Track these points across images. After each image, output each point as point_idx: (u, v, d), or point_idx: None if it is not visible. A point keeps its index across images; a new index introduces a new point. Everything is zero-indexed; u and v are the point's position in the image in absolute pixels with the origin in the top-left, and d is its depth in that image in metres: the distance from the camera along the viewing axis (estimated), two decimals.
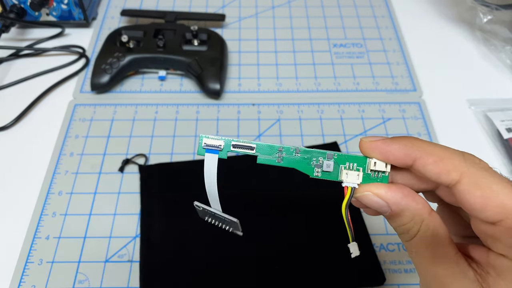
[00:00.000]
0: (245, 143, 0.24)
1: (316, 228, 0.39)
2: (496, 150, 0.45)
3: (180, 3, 0.61)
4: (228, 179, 0.42)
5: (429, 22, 0.59)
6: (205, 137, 0.24)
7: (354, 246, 0.24)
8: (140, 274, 0.36)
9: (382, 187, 0.22)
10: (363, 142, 0.24)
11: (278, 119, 0.48)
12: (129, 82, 0.51)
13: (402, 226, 0.22)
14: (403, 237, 0.23)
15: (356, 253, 0.24)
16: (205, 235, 0.38)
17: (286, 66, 0.53)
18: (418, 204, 0.22)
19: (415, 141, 0.22)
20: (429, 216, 0.22)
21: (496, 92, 0.50)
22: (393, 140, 0.23)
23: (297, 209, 0.40)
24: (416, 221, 0.22)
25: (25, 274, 0.37)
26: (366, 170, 0.24)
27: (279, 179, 0.42)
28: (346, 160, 0.24)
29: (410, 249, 0.23)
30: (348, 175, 0.23)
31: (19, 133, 0.47)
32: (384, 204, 0.22)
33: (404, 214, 0.22)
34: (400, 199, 0.22)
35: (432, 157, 0.21)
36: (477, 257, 0.22)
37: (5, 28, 0.52)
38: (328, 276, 0.36)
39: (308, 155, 0.24)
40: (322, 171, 0.24)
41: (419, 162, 0.22)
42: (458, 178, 0.21)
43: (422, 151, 0.22)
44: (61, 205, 0.41)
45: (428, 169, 0.21)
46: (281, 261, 0.37)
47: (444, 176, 0.21)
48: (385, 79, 0.52)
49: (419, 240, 0.22)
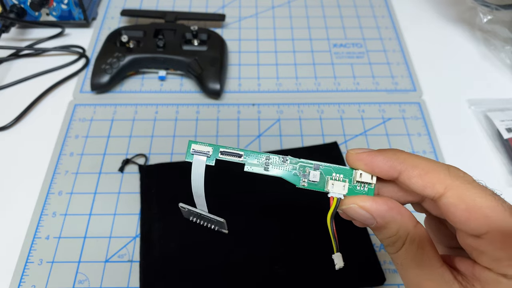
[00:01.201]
0: (233, 149, 0.24)
1: (316, 228, 0.39)
2: (496, 150, 0.45)
3: (180, 3, 0.61)
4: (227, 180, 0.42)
5: (429, 22, 0.59)
6: (194, 143, 0.24)
7: (339, 257, 0.24)
8: (140, 274, 0.36)
9: (368, 200, 0.22)
10: (349, 154, 0.24)
11: (278, 119, 0.48)
12: (129, 82, 0.51)
13: (388, 238, 0.23)
14: (389, 249, 0.23)
15: (340, 264, 0.24)
16: (205, 235, 0.38)
17: (286, 66, 0.53)
18: (403, 217, 0.22)
19: (400, 154, 0.22)
20: (414, 229, 0.22)
21: (496, 92, 0.50)
22: (379, 152, 0.23)
23: (296, 208, 0.40)
24: (402, 234, 0.22)
25: (25, 274, 0.37)
26: (352, 182, 0.24)
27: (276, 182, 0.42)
28: (333, 171, 0.24)
29: (396, 261, 0.23)
30: (334, 186, 0.24)
31: (19, 133, 0.47)
32: (369, 216, 0.22)
33: (389, 226, 0.22)
34: (385, 212, 0.22)
35: (417, 170, 0.22)
36: (462, 269, 0.22)
37: (5, 28, 0.52)
38: (328, 276, 0.36)
39: (295, 165, 0.24)
40: (308, 181, 0.24)
41: (404, 175, 0.22)
42: (442, 191, 0.21)
43: (407, 163, 0.22)
44: (61, 205, 0.41)
45: (413, 181, 0.22)
46: (281, 261, 0.37)
47: (429, 189, 0.21)
48: (385, 79, 0.52)
49: (405, 253, 0.22)
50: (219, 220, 0.28)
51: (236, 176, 0.42)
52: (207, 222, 0.29)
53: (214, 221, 0.28)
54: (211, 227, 0.29)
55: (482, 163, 0.45)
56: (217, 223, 0.28)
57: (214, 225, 0.29)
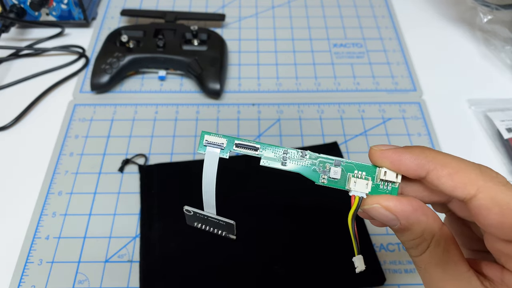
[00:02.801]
0: (249, 142, 0.23)
1: (316, 228, 0.39)
2: (496, 150, 0.45)
3: (180, 3, 0.61)
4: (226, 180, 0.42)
5: (429, 22, 0.59)
6: (207, 134, 0.23)
7: (360, 260, 0.23)
8: (140, 274, 0.36)
9: (391, 200, 0.21)
10: (373, 150, 0.22)
11: (278, 119, 0.48)
12: (129, 82, 0.51)
13: (411, 241, 0.21)
14: (411, 252, 0.22)
15: (361, 267, 0.23)
16: (205, 235, 0.38)
17: (286, 66, 0.53)
18: (429, 218, 0.21)
19: (429, 152, 0.21)
20: (440, 231, 0.21)
21: (496, 92, 0.50)
22: (406, 150, 0.22)
23: (296, 209, 0.40)
24: (426, 237, 0.21)
25: (25, 274, 0.37)
26: (375, 180, 0.23)
27: (277, 179, 0.42)
28: (355, 168, 0.23)
29: (419, 265, 0.22)
30: (356, 184, 0.22)
31: (19, 133, 0.47)
32: (393, 217, 0.21)
33: (413, 228, 0.21)
34: (409, 213, 0.21)
35: (447, 169, 0.20)
36: (490, 274, 0.21)
37: (5, 28, 0.52)
38: (328, 276, 0.36)
39: (314, 160, 0.23)
40: (328, 178, 0.23)
41: (433, 174, 0.21)
42: (474, 192, 0.19)
43: (436, 162, 0.21)
44: (61, 205, 0.41)
45: (442, 181, 0.20)
46: (281, 261, 0.37)
47: (459, 190, 0.20)
48: (385, 79, 0.52)
49: (429, 257, 0.21)
50: (228, 223, 0.25)
51: (235, 176, 0.42)
52: (213, 227, 0.27)
53: (222, 224, 0.26)
54: (218, 233, 0.27)
55: (482, 163, 0.44)
56: (225, 226, 0.26)
57: (221, 230, 0.27)
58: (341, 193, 0.23)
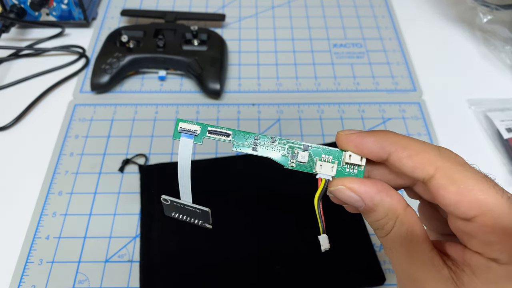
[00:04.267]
0: (221, 129, 0.23)
1: (316, 228, 0.39)
2: (496, 150, 0.45)
3: (180, 3, 0.61)
4: (225, 179, 0.42)
5: (429, 22, 0.59)
6: (182, 121, 0.24)
7: (324, 239, 0.24)
8: (140, 274, 0.36)
9: (356, 181, 0.22)
10: (339, 135, 0.24)
11: (278, 119, 0.48)
12: (129, 82, 0.51)
13: (377, 221, 0.22)
14: (378, 233, 0.23)
15: (325, 246, 0.24)
16: (205, 235, 0.38)
17: (286, 66, 0.53)
18: (393, 200, 0.22)
19: (390, 135, 0.22)
20: (404, 212, 0.22)
21: (496, 92, 0.50)
22: (368, 134, 0.23)
23: (296, 208, 0.40)
24: (391, 217, 0.21)
25: (25, 274, 0.37)
26: (341, 163, 0.24)
27: (276, 180, 0.42)
28: (322, 153, 0.24)
29: (385, 245, 0.22)
30: (322, 167, 0.23)
31: (19, 133, 0.47)
32: (358, 198, 0.22)
33: (378, 209, 0.22)
34: (374, 194, 0.22)
35: (407, 151, 0.21)
36: (453, 254, 0.22)
37: (5, 28, 0.52)
38: (328, 276, 0.36)
39: (283, 145, 0.24)
40: (296, 162, 0.24)
41: (394, 156, 0.21)
42: (432, 172, 0.20)
43: (397, 145, 0.21)
44: (61, 205, 0.41)
45: (403, 163, 0.21)
46: (281, 261, 0.37)
47: (419, 171, 0.20)
48: (385, 79, 0.52)
49: (394, 237, 0.22)
50: (203, 210, 0.26)
51: (235, 175, 0.42)
52: (189, 216, 0.28)
53: (198, 212, 0.27)
54: (194, 222, 0.28)
55: (482, 163, 0.44)
56: (200, 215, 0.27)
57: (197, 219, 0.28)
58: None
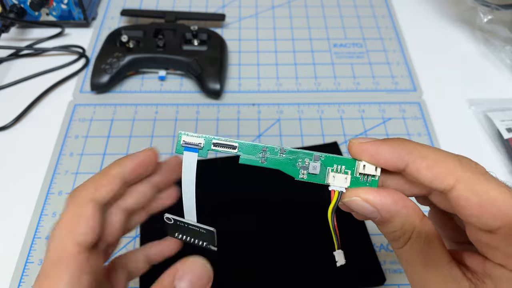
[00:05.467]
0: (227, 141, 0.22)
1: (316, 228, 0.39)
2: (496, 150, 0.45)
3: (180, 3, 0.61)
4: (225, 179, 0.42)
5: (429, 22, 0.59)
6: (184, 135, 0.23)
7: (340, 254, 0.23)
8: (140, 275, 0.36)
9: (371, 192, 0.21)
10: (352, 144, 0.22)
11: (278, 119, 0.48)
12: (129, 82, 0.51)
13: (392, 233, 0.21)
14: (394, 245, 0.22)
15: (341, 262, 0.23)
16: None
17: (286, 66, 0.53)
18: (409, 210, 0.21)
19: (407, 143, 0.21)
20: (420, 223, 0.21)
21: (496, 92, 0.50)
22: (384, 142, 0.21)
23: (296, 208, 0.40)
24: (407, 229, 0.21)
25: (25, 274, 0.37)
26: (354, 174, 0.22)
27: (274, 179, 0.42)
28: (334, 162, 0.22)
29: (400, 257, 0.22)
30: (335, 178, 0.22)
31: (19, 133, 0.47)
32: (373, 210, 0.21)
33: (394, 220, 0.21)
34: (390, 205, 0.21)
35: (426, 161, 0.20)
36: (472, 265, 0.21)
37: (5, 28, 0.52)
38: (328, 276, 0.36)
39: (293, 156, 0.22)
40: (308, 173, 0.22)
41: (412, 166, 0.20)
42: (453, 183, 0.19)
43: (415, 154, 0.20)
44: (61, 205, 0.40)
45: (421, 173, 0.20)
46: (281, 262, 0.37)
47: (438, 182, 0.20)
48: (385, 79, 0.52)
49: (410, 248, 0.21)
50: (208, 230, 0.25)
51: (234, 175, 0.42)
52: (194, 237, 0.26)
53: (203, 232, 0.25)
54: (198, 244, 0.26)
55: (482, 163, 0.44)
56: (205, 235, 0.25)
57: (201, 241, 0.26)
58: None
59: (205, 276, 0.22)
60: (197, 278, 0.22)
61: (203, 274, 0.22)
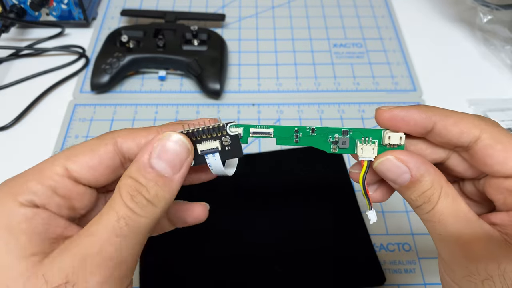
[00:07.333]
0: (263, 128, 0.24)
1: (316, 228, 0.39)
2: None
3: (180, 3, 0.61)
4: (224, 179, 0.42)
5: (429, 22, 0.59)
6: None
7: (372, 213, 0.25)
8: (140, 274, 0.36)
9: (403, 152, 0.22)
10: (381, 111, 0.23)
11: (278, 119, 0.48)
12: (129, 82, 0.51)
13: (423, 193, 0.22)
14: (424, 208, 0.22)
15: (373, 219, 0.24)
16: (206, 235, 0.38)
17: (286, 66, 0.53)
18: (436, 170, 0.22)
19: (432, 107, 0.23)
20: (446, 183, 0.22)
21: (496, 92, 0.50)
22: (412, 107, 0.23)
23: (296, 208, 0.40)
24: (436, 187, 0.22)
25: None
26: (381, 143, 0.24)
27: (272, 179, 0.42)
28: (362, 135, 0.24)
29: (431, 219, 0.22)
30: (364, 150, 0.24)
31: (19, 133, 0.47)
32: (406, 169, 0.22)
33: (424, 180, 0.22)
34: (420, 164, 0.22)
35: (452, 118, 0.22)
36: (498, 221, 0.22)
37: (5, 28, 0.52)
38: (328, 276, 0.36)
39: (323, 133, 0.24)
40: (338, 148, 0.25)
41: (440, 125, 0.22)
42: (478, 134, 0.21)
43: (441, 114, 0.22)
44: None
45: (449, 129, 0.22)
46: (281, 261, 0.37)
47: (465, 135, 0.22)
48: (385, 79, 0.52)
49: (441, 207, 0.22)
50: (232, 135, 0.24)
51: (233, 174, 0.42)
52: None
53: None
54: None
55: None
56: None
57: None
58: None
59: (183, 150, 0.22)
60: (174, 154, 0.21)
61: (181, 148, 0.22)
